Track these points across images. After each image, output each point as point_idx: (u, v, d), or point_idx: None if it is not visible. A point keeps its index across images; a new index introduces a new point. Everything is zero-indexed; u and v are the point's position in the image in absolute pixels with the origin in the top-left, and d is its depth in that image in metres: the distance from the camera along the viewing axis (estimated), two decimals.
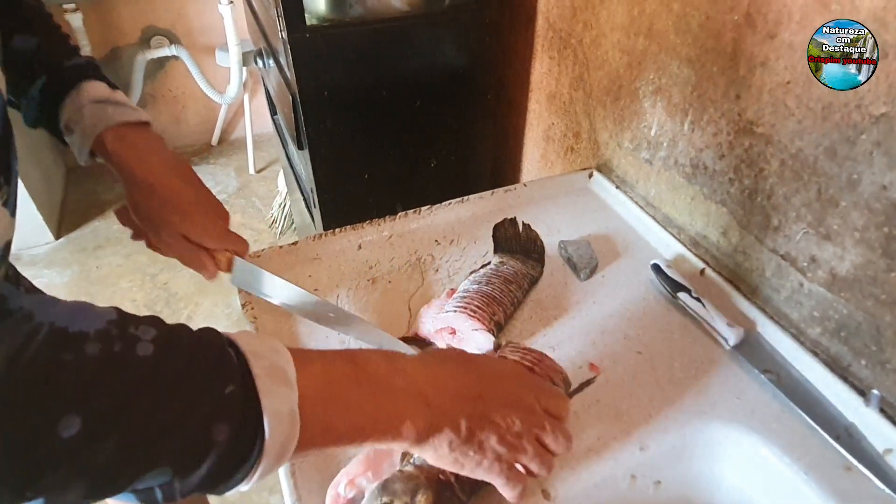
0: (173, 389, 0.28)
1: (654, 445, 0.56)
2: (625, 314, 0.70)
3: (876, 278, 0.56)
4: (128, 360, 0.27)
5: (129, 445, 0.27)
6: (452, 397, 0.40)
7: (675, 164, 0.79)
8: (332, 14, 0.95)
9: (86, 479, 0.27)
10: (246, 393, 0.30)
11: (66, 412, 0.25)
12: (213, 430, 0.29)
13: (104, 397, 0.26)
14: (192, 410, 0.28)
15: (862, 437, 0.56)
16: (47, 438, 0.25)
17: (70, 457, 0.26)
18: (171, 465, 0.28)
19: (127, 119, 0.56)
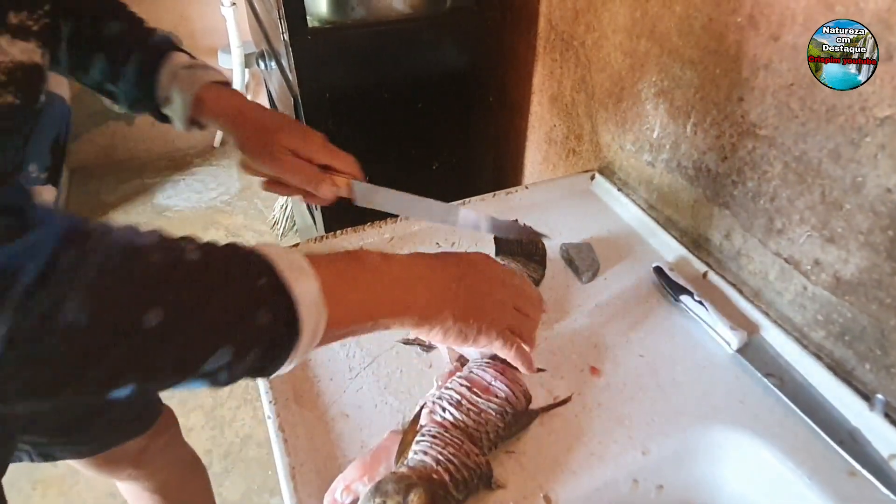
0: (221, 284, 0.34)
1: (656, 449, 0.56)
2: (627, 317, 0.70)
3: (881, 282, 0.55)
4: (183, 263, 0.33)
5: (197, 329, 0.32)
6: (443, 279, 0.46)
7: (677, 167, 0.79)
8: (333, 16, 0.95)
9: (167, 363, 0.32)
10: (276, 284, 0.35)
11: (148, 307, 0.30)
12: (257, 315, 0.34)
13: (174, 292, 0.32)
14: (238, 299, 0.34)
15: (866, 442, 0.56)
16: (136, 330, 0.30)
17: (155, 344, 0.31)
18: (230, 345, 0.33)
19: (216, 79, 0.61)
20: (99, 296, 0.29)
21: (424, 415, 0.52)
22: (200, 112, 0.61)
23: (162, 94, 0.60)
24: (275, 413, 0.57)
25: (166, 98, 0.60)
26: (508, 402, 0.53)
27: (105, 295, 0.29)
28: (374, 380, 0.62)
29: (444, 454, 0.48)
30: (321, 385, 0.62)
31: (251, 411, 1.56)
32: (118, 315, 0.30)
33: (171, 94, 0.60)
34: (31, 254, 0.28)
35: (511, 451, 0.55)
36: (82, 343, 0.29)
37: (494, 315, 0.49)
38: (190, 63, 0.61)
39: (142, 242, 0.32)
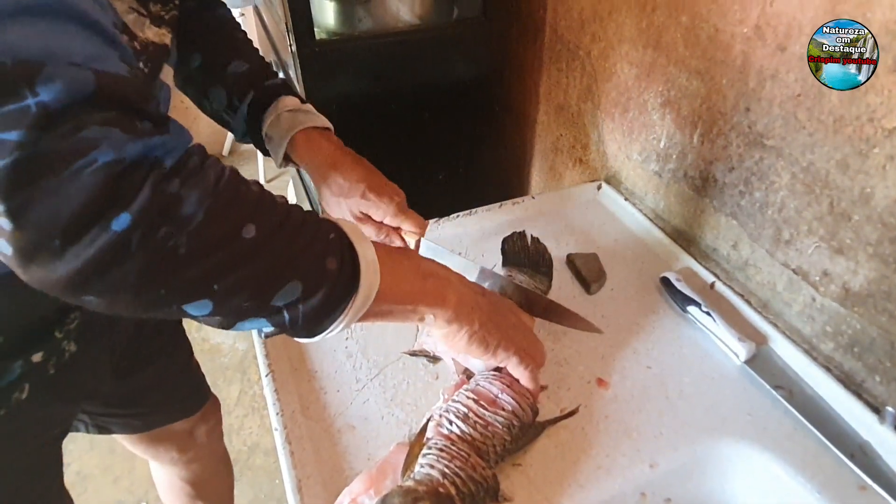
0: (300, 226, 0.39)
1: (663, 463, 0.55)
2: (634, 328, 0.69)
3: (890, 293, 0.55)
4: (276, 201, 0.39)
5: (279, 254, 0.37)
6: (471, 288, 0.52)
7: (684, 177, 0.78)
8: (340, 28, 0.96)
9: (250, 278, 0.36)
10: (342, 240, 0.41)
11: (246, 221, 0.35)
12: (326, 261, 0.39)
13: (267, 215, 0.37)
14: (313, 243, 0.39)
15: (877, 456, 0.55)
16: (236, 237, 0.35)
17: (246, 254, 0.35)
18: (301, 280, 0.38)
19: (314, 124, 0.65)
20: (213, 198, 0.33)
21: (431, 427, 0.52)
22: (293, 155, 0.65)
23: (265, 133, 0.65)
24: (282, 425, 0.57)
25: (269, 137, 0.65)
26: (515, 416, 0.53)
27: (218, 199, 0.34)
28: (381, 391, 0.62)
29: (450, 467, 0.48)
30: (328, 397, 0.62)
31: (258, 420, 1.57)
32: (225, 219, 0.34)
33: (272, 134, 0.65)
34: (170, 149, 0.33)
35: (518, 463, 0.55)
36: (194, 236, 0.32)
37: (512, 334, 0.54)
38: (294, 107, 0.65)
39: (244, 179, 0.37)
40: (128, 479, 1.43)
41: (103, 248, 0.30)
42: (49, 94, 0.28)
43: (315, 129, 0.65)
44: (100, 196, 0.29)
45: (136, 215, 0.30)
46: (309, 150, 0.65)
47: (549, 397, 0.61)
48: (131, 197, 0.30)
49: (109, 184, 0.29)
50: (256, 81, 0.66)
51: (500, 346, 0.53)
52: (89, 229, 0.29)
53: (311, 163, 0.65)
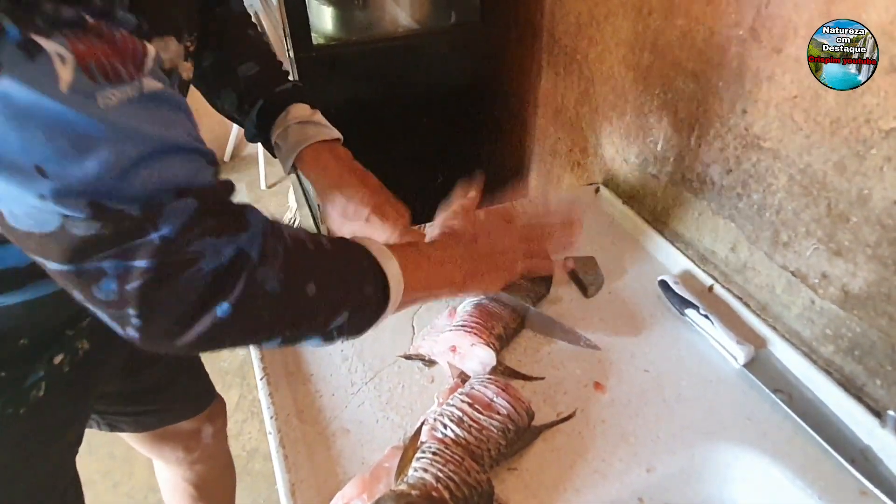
0: (344, 266, 0.46)
1: (661, 467, 0.55)
2: (631, 332, 0.69)
3: (890, 296, 0.54)
4: (326, 252, 0.45)
5: (333, 298, 0.44)
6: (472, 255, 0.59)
7: (682, 179, 0.78)
8: (338, 33, 0.96)
9: (313, 321, 0.43)
10: (374, 265, 0.47)
11: (308, 281, 0.42)
12: (364, 288, 0.46)
13: (322, 272, 0.43)
14: (355, 277, 0.46)
15: (878, 461, 0.54)
16: (303, 297, 0.41)
17: (310, 307, 0.42)
18: (348, 309, 0.45)
19: (322, 137, 0.66)
20: (285, 272, 0.40)
21: (425, 431, 0.51)
22: (300, 168, 0.66)
23: (274, 141, 0.66)
24: (276, 429, 0.57)
25: (277, 146, 0.67)
26: (510, 419, 0.52)
27: (289, 271, 0.40)
28: (376, 395, 0.62)
29: (444, 471, 0.47)
30: (323, 400, 0.61)
31: (257, 424, 1.56)
32: (294, 286, 0.41)
33: (280, 144, 0.66)
34: (254, 241, 0.38)
35: (513, 468, 0.54)
36: (276, 305, 0.40)
37: (506, 263, 0.63)
38: (304, 118, 0.66)
39: (300, 235, 0.43)
40: (127, 485, 1.43)
41: (210, 328, 0.37)
42: (167, 228, 0.34)
43: (323, 143, 0.65)
44: (206, 294, 0.36)
45: (234, 303, 0.37)
46: (315, 168, 0.65)
47: (545, 401, 0.61)
48: (230, 290, 0.37)
49: (213, 285, 0.36)
50: (267, 87, 0.66)
51: (511, 272, 0.63)
52: (200, 318, 0.37)
53: (316, 182, 0.66)
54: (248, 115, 0.66)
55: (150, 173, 0.34)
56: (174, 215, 0.35)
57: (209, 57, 0.66)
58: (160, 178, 0.34)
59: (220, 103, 0.68)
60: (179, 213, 0.35)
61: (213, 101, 0.69)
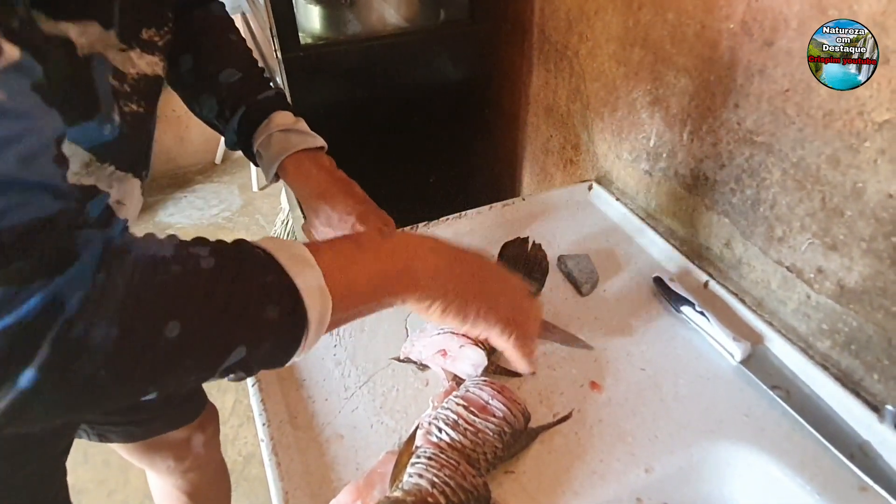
0: (233, 288, 0.35)
1: (659, 467, 0.54)
2: (627, 330, 0.68)
3: (885, 289, 0.54)
4: (200, 273, 0.34)
5: (213, 335, 0.34)
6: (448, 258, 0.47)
7: (675, 175, 0.78)
8: (326, 33, 0.95)
9: (188, 367, 0.34)
10: (281, 279, 0.37)
11: (167, 320, 0.32)
12: (266, 312, 0.36)
13: (191, 303, 0.33)
14: (249, 300, 0.36)
15: (877, 456, 0.54)
16: (159, 341, 0.32)
17: (176, 353, 0.33)
18: (244, 344, 0.35)
19: (305, 146, 0.64)
20: (126, 313, 0.31)
21: (420, 436, 0.51)
22: (283, 177, 0.64)
23: (256, 150, 0.64)
24: (268, 436, 0.56)
25: (259, 154, 0.65)
26: (506, 422, 0.52)
27: (131, 312, 0.31)
28: (370, 399, 0.61)
29: (439, 476, 0.46)
30: (316, 406, 0.61)
31: (254, 429, 1.54)
32: (143, 329, 0.31)
33: (263, 153, 0.64)
34: (75, 283, 0.29)
35: (510, 470, 0.54)
36: (111, 360, 0.30)
37: (494, 302, 0.49)
38: (287, 126, 0.64)
39: (161, 254, 0.34)
40: (122, 493, 1.41)
41: (14, 402, 0.29)
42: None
43: (306, 151, 0.64)
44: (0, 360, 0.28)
45: (41, 369, 0.28)
46: (298, 177, 0.63)
47: (541, 402, 0.60)
48: (31, 355, 0.28)
49: (8, 347, 0.28)
50: (248, 94, 0.64)
51: (478, 315, 0.48)
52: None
53: (300, 191, 0.64)
54: (229, 122, 0.64)
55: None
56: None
57: (188, 61, 0.64)
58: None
59: (199, 109, 0.66)
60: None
61: (192, 107, 0.67)
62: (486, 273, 0.50)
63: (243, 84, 0.64)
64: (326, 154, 0.67)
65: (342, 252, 0.42)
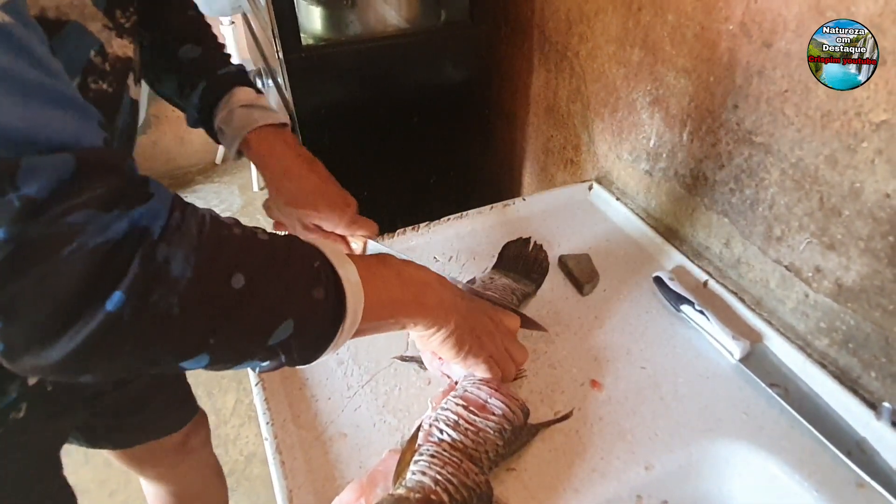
0: (285, 262, 0.38)
1: (659, 465, 0.55)
2: (627, 329, 0.69)
3: (883, 288, 0.55)
4: (258, 239, 0.37)
5: (271, 297, 0.36)
6: (450, 291, 0.51)
7: (675, 175, 0.78)
8: (328, 34, 0.96)
9: (245, 326, 0.35)
10: (326, 267, 0.40)
11: (234, 270, 0.34)
12: (314, 293, 0.38)
13: (255, 261, 0.36)
14: (300, 277, 0.38)
15: (874, 453, 0.55)
16: (226, 289, 0.34)
17: (238, 305, 0.34)
18: (294, 317, 0.37)
19: (268, 122, 0.63)
20: (199, 253, 0.33)
21: (422, 437, 0.51)
22: (246, 153, 0.64)
23: (217, 125, 0.63)
24: (272, 434, 0.56)
25: (221, 130, 0.64)
26: (506, 419, 0.52)
27: (203, 253, 0.33)
28: (373, 398, 0.62)
29: (442, 474, 0.47)
30: (319, 404, 0.61)
31: (255, 429, 1.55)
32: (213, 272, 0.33)
33: (225, 129, 0.63)
34: (154, 215, 0.32)
35: (512, 468, 0.54)
36: (186, 295, 0.32)
37: (486, 340, 0.54)
38: (249, 102, 0.63)
39: (224, 219, 0.37)
40: (123, 493, 1.42)
41: (97, 329, 0.29)
42: (31, 187, 0.27)
43: (270, 127, 0.63)
44: (90, 280, 0.29)
45: (128, 291, 0.29)
46: (261, 152, 0.63)
47: (542, 400, 0.61)
48: (121, 275, 0.29)
49: (98, 266, 0.29)
50: (208, 69, 0.63)
51: (471, 351, 0.53)
52: (82, 314, 0.29)
53: (263, 167, 0.64)
54: (190, 98, 0.63)
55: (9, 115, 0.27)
56: (41, 172, 0.27)
57: (146, 38, 0.61)
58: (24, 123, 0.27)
59: (159, 86, 0.65)
60: (50, 170, 0.28)
61: (153, 85, 0.65)
62: (480, 313, 0.55)
63: (203, 60, 0.63)
64: (289, 131, 0.66)
65: (372, 266, 0.45)
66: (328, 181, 0.65)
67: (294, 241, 0.40)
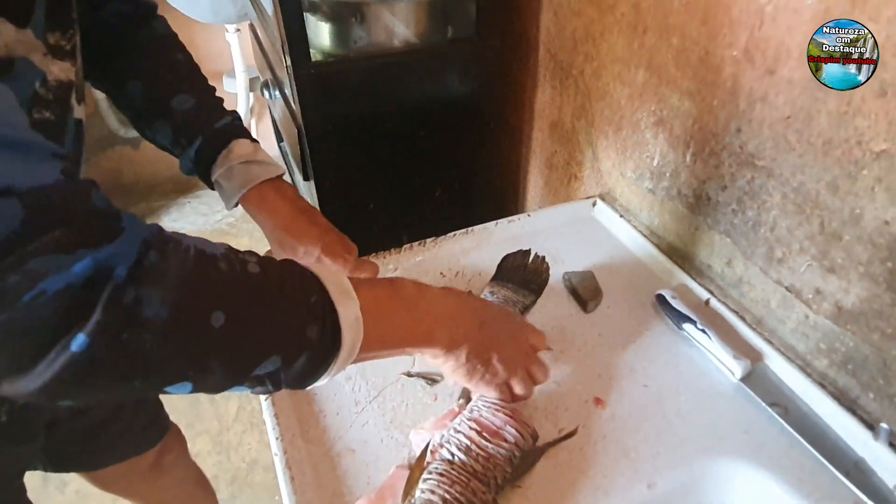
0: (278, 297, 0.37)
1: (661, 482, 0.56)
2: (630, 346, 0.70)
3: (881, 312, 0.56)
4: (247, 273, 0.37)
5: (255, 335, 0.36)
6: (467, 320, 0.50)
7: (678, 195, 0.79)
8: (336, 49, 0.97)
9: (225, 362, 0.35)
10: (325, 303, 0.39)
11: (214, 309, 0.34)
12: (307, 330, 0.38)
13: (238, 299, 0.35)
14: (292, 313, 0.37)
15: (871, 473, 0.56)
16: (204, 328, 0.33)
17: (218, 343, 0.34)
18: (280, 354, 0.37)
19: (268, 177, 0.64)
20: (177, 294, 0.32)
21: (430, 456, 0.52)
22: (246, 208, 0.65)
23: (215, 179, 0.64)
24: (282, 450, 0.57)
25: (219, 184, 0.65)
26: (517, 446, 0.53)
27: (182, 294, 0.32)
28: (380, 414, 0.63)
29: (451, 493, 0.48)
30: (327, 420, 0.62)
31: (257, 436, 1.56)
32: (191, 313, 0.33)
33: (223, 183, 0.64)
34: (123, 254, 0.31)
35: (517, 485, 0.55)
36: (160, 335, 0.32)
37: (503, 366, 0.53)
38: (247, 157, 0.63)
39: (211, 251, 0.36)
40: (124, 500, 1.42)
41: (65, 367, 0.29)
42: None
43: (268, 182, 0.64)
44: (53, 324, 0.29)
45: (92, 335, 0.29)
46: (262, 210, 0.64)
47: (546, 417, 0.62)
48: (85, 319, 0.29)
49: (61, 312, 0.29)
50: (204, 122, 0.63)
51: (484, 377, 0.52)
52: (47, 354, 0.29)
53: (264, 223, 0.65)
54: (186, 151, 0.63)
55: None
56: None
57: (136, 87, 0.62)
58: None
59: (152, 135, 0.64)
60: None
61: (144, 133, 0.65)
62: (504, 336, 0.54)
63: (198, 111, 0.63)
64: (287, 183, 0.67)
65: (381, 296, 0.44)
66: (328, 232, 0.66)
67: (291, 273, 0.39)
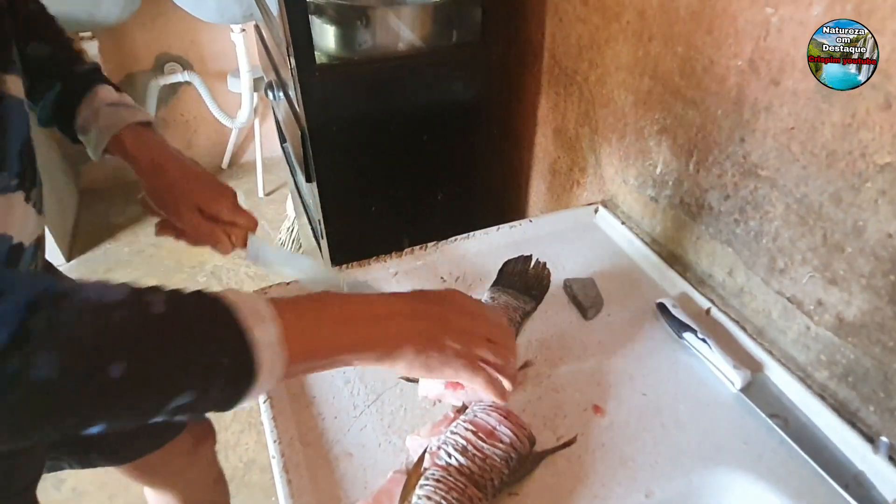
0: (184, 336, 0.36)
1: (659, 492, 0.56)
2: (630, 355, 0.70)
3: (883, 325, 0.56)
4: (149, 317, 0.35)
5: (159, 378, 0.35)
6: (405, 315, 0.47)
7: (680, 203, 0.79)
8: (341, 52, 0.97)
9: (132, 408, 0.35)
10: (236, 332, 0.38)
11: (111, 361, 0.33)
12: (217, 361, 0.37)
13: (138, 345, 0.34)
14: (200, 349, 0.36)
15: (871, 486, 0.56)
16: (102, 381, 0.32)
17: (120, 391, 0.33)
18: (192, 389, 0.36)
19: (138, 119, 0.64)
20: (68, 352, 0.31)
21: (428, 459, 0.52)
22: (117, 151, 0.63)
23: (80, 125, 0.62)
24: (279, 453, 0.57)
25: (83, 128, 0.62)
26: (513, 448, 0.53)
27: (73, 351, 0.32)
28: (378, 418, 0.62)
29: (447, 499, 0.48)
30: (325, 423, 0.62)
31: (255, 436, 1.56)
32: (85, 368, 0.32)
33: (89, 127, 0.62)
34: (4, 319, 0.30)
35: (514, 493, 0.55)
36: (53, 395, 0.31)
37: (458, 346, 0.49)
38: (115, 100, 0.63)
39: (109, 299, 0.34)
40: (123, 497, 1.42)
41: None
42: None
43: (140, 125, 0.63)
44: None
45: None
46: (136, 148, 0.63)
47: (545, 424, 0.62)
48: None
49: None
50: (64, 68, 0.62)
51: (443, 364, 0.48)
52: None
53: (140, 162, 0.64)
54: (43, 97, 0.61)
55: None
56: None
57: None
58: None
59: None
60: None
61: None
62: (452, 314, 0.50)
63: (55, 58, 0.62)
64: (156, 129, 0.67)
65: (303, 310, 0.43)
66: (206, 172, 0.66)
67: (198, 306, 0.38)
